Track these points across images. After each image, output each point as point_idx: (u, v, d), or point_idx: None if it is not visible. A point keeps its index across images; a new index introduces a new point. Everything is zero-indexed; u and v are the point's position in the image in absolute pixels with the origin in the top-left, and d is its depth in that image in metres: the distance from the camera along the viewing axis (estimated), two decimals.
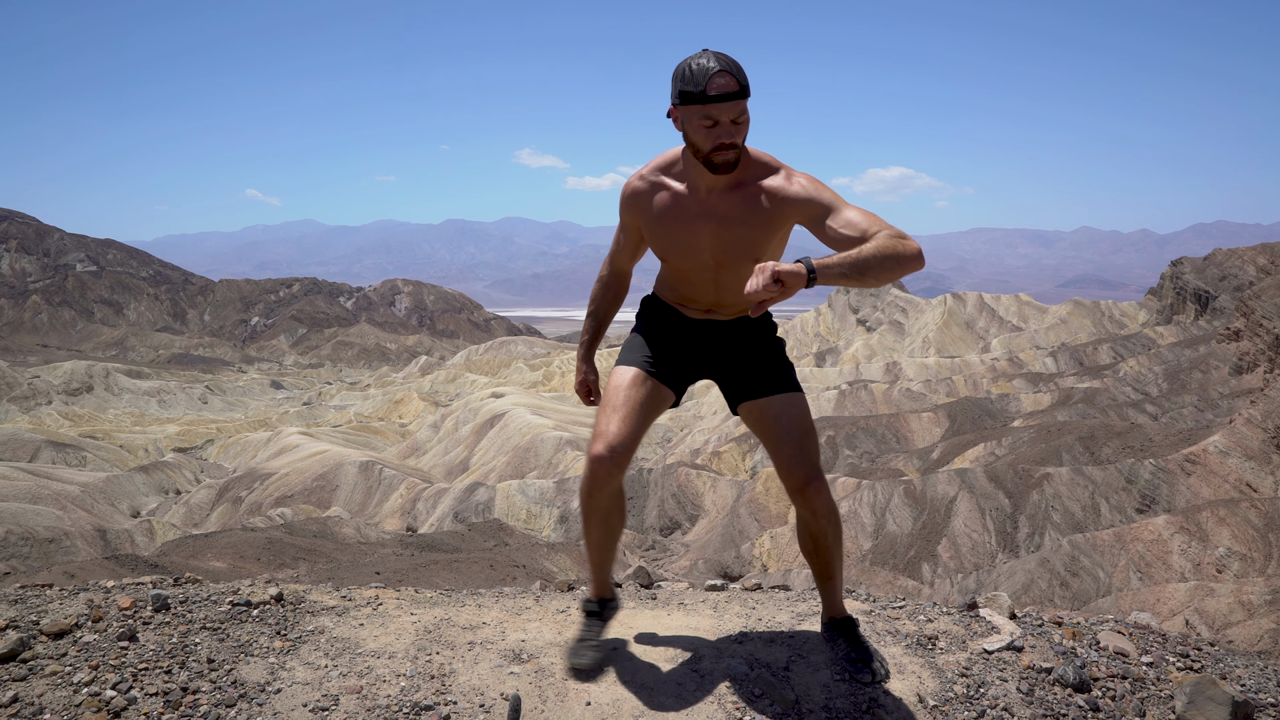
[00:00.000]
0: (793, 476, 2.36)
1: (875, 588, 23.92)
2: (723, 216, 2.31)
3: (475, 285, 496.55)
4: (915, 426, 43.35)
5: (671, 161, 2.38)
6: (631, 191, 2.43)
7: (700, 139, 2.19)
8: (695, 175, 2.31)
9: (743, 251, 2.33)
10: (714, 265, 2.39)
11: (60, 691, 2.17)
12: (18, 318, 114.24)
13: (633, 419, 2.38)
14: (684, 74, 2.15)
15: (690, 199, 2.33)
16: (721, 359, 2.55)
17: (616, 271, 2.67)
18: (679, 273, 2.47)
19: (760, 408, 2.46)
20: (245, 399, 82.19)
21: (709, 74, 2.12)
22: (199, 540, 27.10)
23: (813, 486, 2.35)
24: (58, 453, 48.09)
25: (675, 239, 2.38)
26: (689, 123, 2.19)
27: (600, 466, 2.34)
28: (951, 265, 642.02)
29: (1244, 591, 19.13)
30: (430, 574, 21.65)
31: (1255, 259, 60.14)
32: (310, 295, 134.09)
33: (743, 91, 2.14)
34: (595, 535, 2.56)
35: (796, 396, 2.48)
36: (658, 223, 2.39)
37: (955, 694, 2.42)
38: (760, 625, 2.80)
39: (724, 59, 2.13)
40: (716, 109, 2.13)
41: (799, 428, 2.41)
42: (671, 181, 2.37)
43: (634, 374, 2.48)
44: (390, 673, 2.37)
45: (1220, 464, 28.07)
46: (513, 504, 34.83)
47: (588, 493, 2.43)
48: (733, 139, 2.17)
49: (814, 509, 2.38)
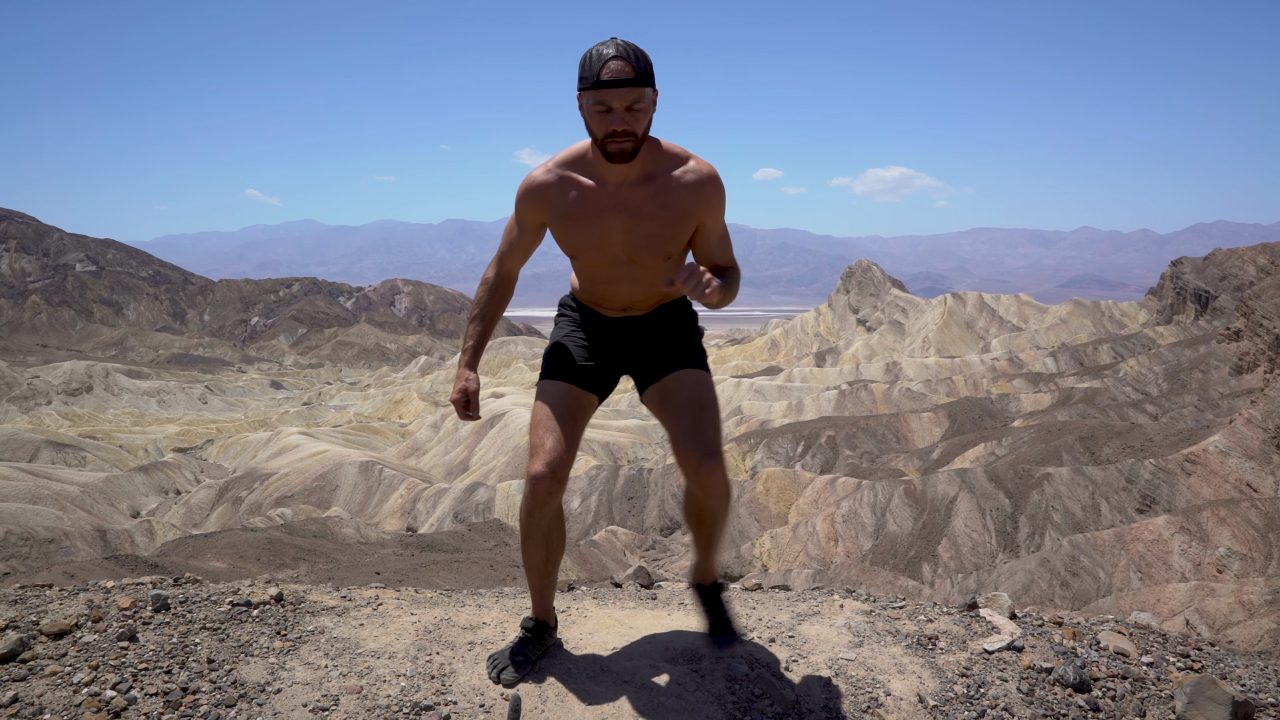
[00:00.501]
0: (686, 455, 2.28)
1: (875, 588, 23.91)
2: (633, 210, 2.25)
3: (475, 285, 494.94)
4: (915, 426, 43.35)
5: (578, 155, 2.31)
6: (536, 185, 2.32)
7: (595, 125, 2.14)
8: (603, 168, 2.25)
9: (653, 247, 2.30)
10: (626, 260, 2.33)
11: (60, 692, 2.17)
12: (17, 318, 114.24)
13: (565, 434, 2.33)
14: (583, 60, 2.12)
15: (599, 193, 2.26)
16: (637, 349, 2.51)
17: (504, 274, 2.49)
18: (590, 269, 2.41)
19: (660, 386, 2.42)
20: (245, 399, 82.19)
21: (604, 60, 2.08)
22: (199, 540, 27.10)
23: (706, 466, 2.27)
24: (57, 453, 48.09)
25: (586, 234, 2.30)
26: (586, 109, 2.14)
27: (541, 484, 2.26)
28: (951, 265, 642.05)
29: (1244, 591, 19.13)
30: (430, 574, 21.65)
31: (1255, 259, 60.15)
32: (310, 295, 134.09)
33: (639, 79, 2.09)
34: (536, 557, 2.44)
35: (697, 373, 2.41)
36: (566, 218, 2.30)
37: (955, 694, 2.42)
38: (760, 625, 2.79)
39: (625, 46, 2.10)
40: (609, 94, 2.08)
41: (696, 400, 2.35)
42: (579, 175, 2.29)
43: (559, 388, 2.42)
44: (390, 673, 2.37)
45: (1220, 464, 28.07)
46: (513, 504, 34.82)
47: (528, 512, 2.33)
48: (626, 126, 2.11)
49: (706, 488, 2.31)
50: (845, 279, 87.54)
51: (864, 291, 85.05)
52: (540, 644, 2.49)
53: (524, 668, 2.39)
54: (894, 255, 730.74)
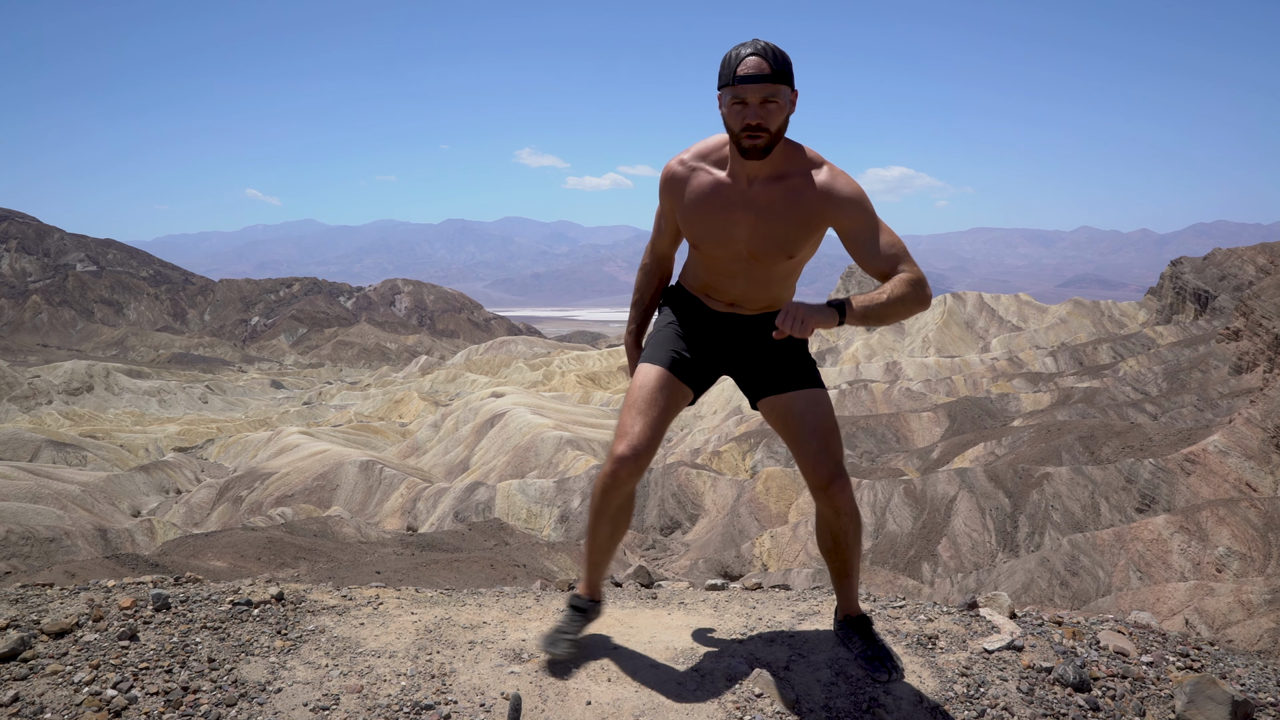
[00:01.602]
0: (817, 474, 2.35)
1: (875, 587, 23.92)
2: (762, 208, 2.29)
3: (475, 285, 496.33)
4: (915, 426, 43.35)
5: (715, 148, 2.36)
6: (670, 175, 2.40)
7: (732, 120, 2.19)
8: (736, 164, 2.29)
9: (778, 246, 2.32)
10: (747, 256, 2.37)
11: (61, 691, 2.17)
12: (18, 317, 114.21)
13: (656, 420, 2.38)
14: (723, 60, 2.19)
15: (730, 187, 2.31)
16: (743, 353, 2.52)
17: (659, 258, 2.65)
18: (708, 262, 2.45)
19: (783, 404, 2.44)
20: (245, 399, 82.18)
21: (742, 57, 2.14)
22: (199, 540, 27.09)
23: (836, 485, 2.34)
24: (58, 452, 48.09)
25: (710, 226, 2.35)
26: (725, 105, 2.20)
27: (623, 466, 2.33)
28: (951, 265, 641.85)
29: (1244, 591, 19.12)
30: (430, 573, 21.64)
31: (1255, 259, 60.13)
32: (310, 295, 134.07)
33: (776, 75, 2.13)
34: (601, 534, 2.53)
35: (820, 393, 2.46)
36: (694, 208, 2.36)
37: (955, 693, 2.42)
38: (760, 625, 2.80)
39: (762, 45, 2.15)
40: (744, 89, 2.13)
41: (823, 425, 2.40)
42: (712, 168, 2.34)
43: (658, 373, 2.46)
44: (391, 672, 2.37)
45: (1220, 463, 28.07)
46: (513, 503, 34.83)
47: (604, 490, 2.40)
48: (760, 120, 2.15)
49: (836, 507, 2.37)
50: (845, 279, 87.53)
51: (864, 290, 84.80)
52: (587, 620, 2.59)
53: (576, 644, 2.50)
54: None
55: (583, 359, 76.32)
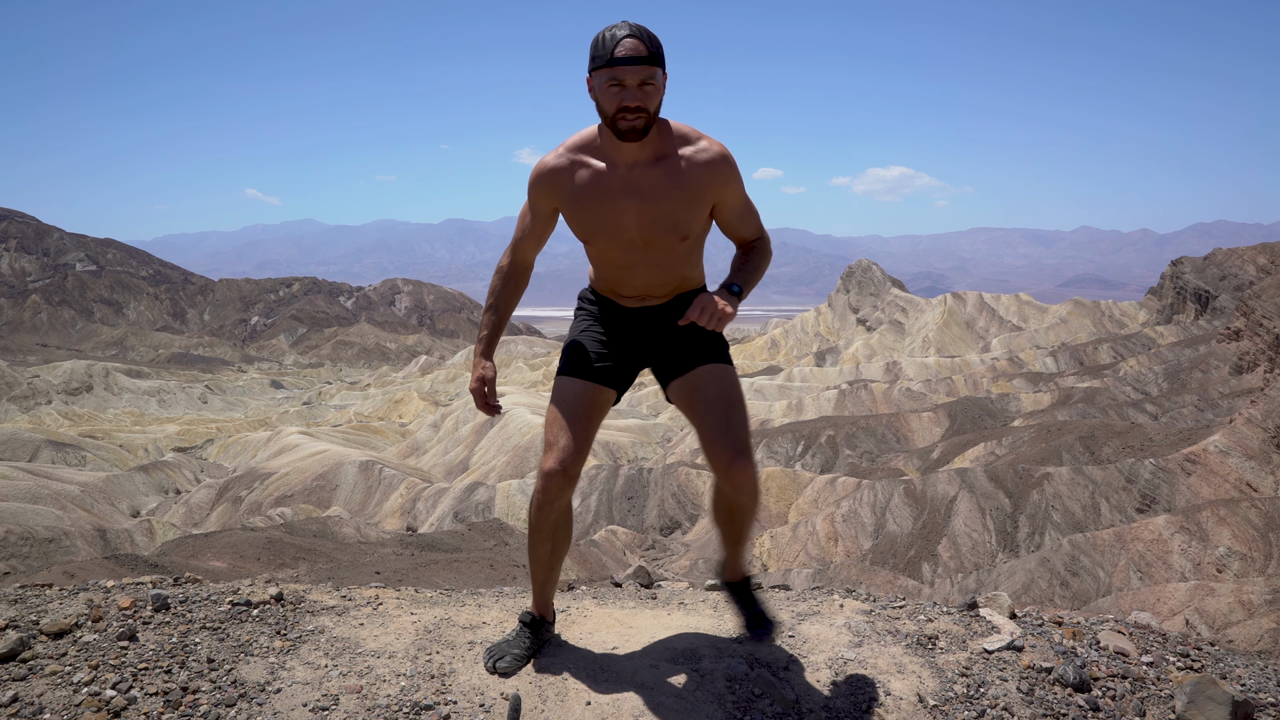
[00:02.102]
0: (717, 454, 2.28)
1: (875, 587, 23.91)
2: (645, 192, 2.25)
3: (475, 285, 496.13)
4: (915, 426, 43.35)
5: (588, 140, 2.32)
6: (548, 170, 2.32)
7: (606, 102, 2.16)
8: (613, 150, 2.25)
9: (669, 227, 2.29)
10: (640, 244, 2.32)
11: (60, 691, 2.17)
12: (17, 317, 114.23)
13: (581, 431, 2.34)
14: (595, 41, 2.15)
15: (611, 175, 2.26)
16: (658, 342, 2.49)
17: (519, 261, 2.51)
18: (604, 255, 2.40)
19: (688, 382, 2.40)
20: (245, 398, 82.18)
21: (618, 39, 2.11)
22: (199, 540, 27.09)
23: (737, 465, 2.27)
24: (57, 452, 48.09)
25: (599, 217, 2.30)
26: (599, 89, 2.16)
27: (553, 481, 2.29)
28: (951, 265, 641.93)
29: (1244, 591, 19.13)
30: (430, 574, 21.64)
31: (1255, 259, 60.13)
32: (310, 295, 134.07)
33: (651, 58, 2.12)
34: (542, 551, 2.46)
35: (723, 368, 2.40)
36: (578, 202, 2.30)
37: (955, 694, 2.42)
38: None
39: (635, 26, 2.13)
40: (622, 71, 2.11)
41: (724, 398, 2.34)
42: (590, 158, 2.29)
43: (576, 385, 2.42)
44: (390, 672, 2.37)
45: (1220, 464, 28.07)
46: (513, 503, 34.82)
47: (538, 507, 2.35)
48: (638, 102, 2.13)
49: (737, 485, 2.31)
50: (845, 278, 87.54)
51: (864, 291, 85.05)
52: (537, 638, 2.51)
53: (520, 660, 2.42)
54: (894, 255, 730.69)
55: None
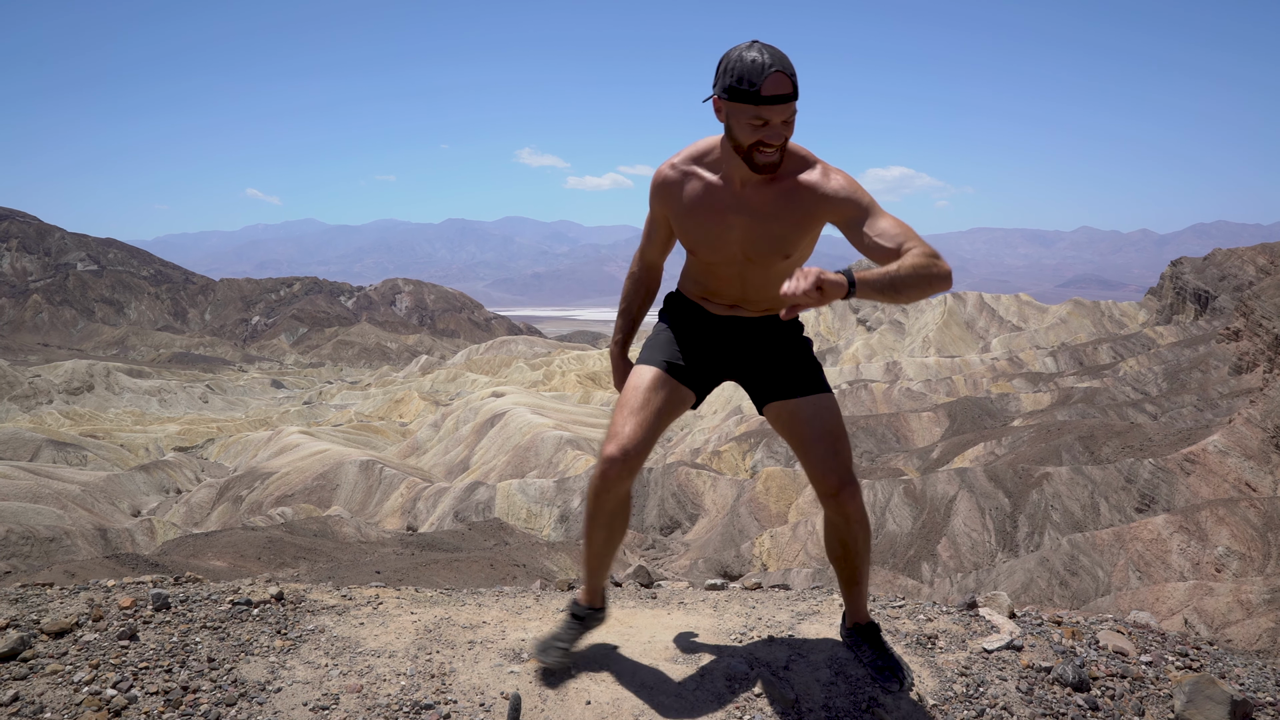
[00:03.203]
0: (825, 482, 2.30)
1: (875, 587, 23.91)
2: (755, 210, 2.24)
3: (476, 285, 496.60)
4: (915, 426, 43.35)
5: (705, 151, 2.30)
6: (662, 180, 2.35)
7: (745, 136, 2.11)
8: (730, 167, 2.24)
9: (773, 248, 2.27)
10: (742, 259, 2.32)
11: (61, 690, 2.17)
12: (18, 317, 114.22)
13: (649, 421, 2.31)
14: (735, 67, 2.05)
15: (723, 190, 2.26)
16: (746, 357, 2.47)
17: (648, 265, 2.57)
18: (705, 266, 2.40)
19: (790, 410, 2.39)
20: (246, 398, 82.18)
21: (764, 72, 2.02)
22: (199, 539, 27.08)
23: (846, 492, 2.29)
24: (58, 452, 48.09)
25: (705, 231, 2.30)
26: (735, 118, 2.10)
27: (612, 468, 2.27)
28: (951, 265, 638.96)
29: (1243, 591, 19.12)
30: (430, 573, 21.64)
31: (1255, 259, 60.12)
32: (311, 294, 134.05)
33: (796, 93, 2.07)
34: (598, 538, 2.45)
35: (827, 398, 2.40)
36: (688, 213, 2.31)
37: (955, 693, 2.42)
38: (760, 624, 2.80)
39: (778, 56, 2.04)
40: (769, 110, 2.05)
41: (831, 431, 2.34)
42: (704, 171, 2.29)
43: (653, 374, 2.39)
44: (390, 672, 2.37)
45: (1220, 463, 28.07)
46: (513, 503, 34.82)
47: (595, 493, 2.33)
48: (780, 139, 2.11)
49: (846, 514, 2.32)
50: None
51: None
52: (585, 628, 2.53)
53: (569, 653, 2.44)
54: None
55: (583, 359, 76.32)
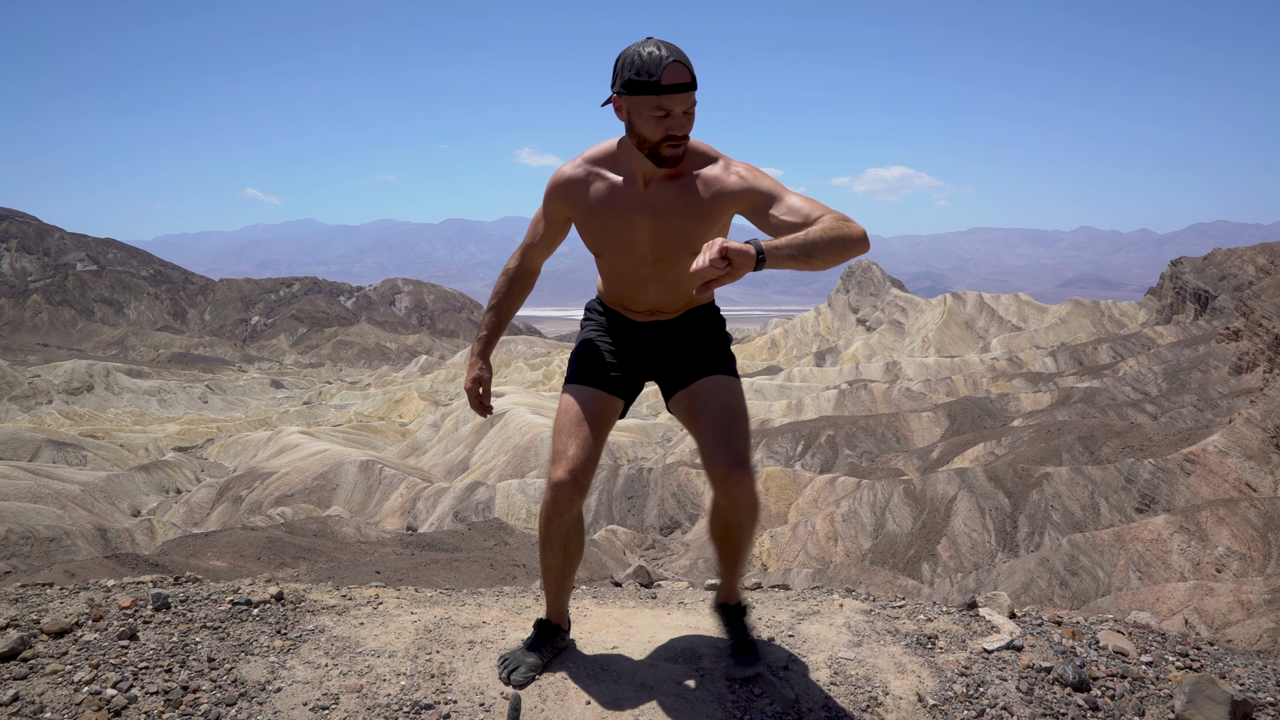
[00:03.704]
0: (715, 465, 2.23)
1: (875, 587, 23.90)
2: (660, 208, 2.23)
3: (475, 285, 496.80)
4: (915, 426, 43.35)
5: (608, 152, 2.29)
6: (565, 180, 2.32)
7: (649, 130, 2.11)
8: (633, 166, 2.23)
9: (680, 244, 2.26)
10: (651, 259, 2.31)
11: (61, 690, 2.17)
12: (18, 317, 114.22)
13: (589, 439, 2.30)
14: (633, 62, 2.06)
15: (627, 190, 2.25)
16: (665, 355, 2.46)
17: (526, 266, 2.52)
18: (616, 269, 2.38)
19: (689, 394, 2.36)
20: (245, 398, 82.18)
21: (662, 63, 2.03)
22: (199, 539, 27.08)
23: (734, 477, 2.22)
24: (58, 452, 48.09)
25: (611, 231, 2.29)
26: (637, 113, 2.10)
27: (562, 492, 2.24)
28: (951, 265, 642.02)
29: (1243, 591, 19.12)
30: (430, 573, 21.64)
31: (1255, 259, 60.13)
32: (310, 295, 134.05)
33: (694, 83, 2.08)
34: (554, 562, 2.43)
35: (727, 379, 2.36)
36: (592, 214, 2.29)
37: (955, 693, 2.42)
38: (760, 624, 2.79)
39: (674, 48, 2.06)
40: (670, 100, 2.06)
41: (726, 409, 2.29)
42: (608, 172, 2.27)
43: (585, 393, 2.38)
44: (390, 672, 2.37)
45: (1220, 464, 28.07)
46: (513, 503, 34.82)
47: (549, 519, 2.31)
48: (684, 130, 2.11)
49: (733, 498, 2.25)
50: (845, 279, 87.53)
51: (864, 291, 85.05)
52: (552, 646, 2.49)
53: (535, 669, 2.39)
54: (894, 255, 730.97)
55: None
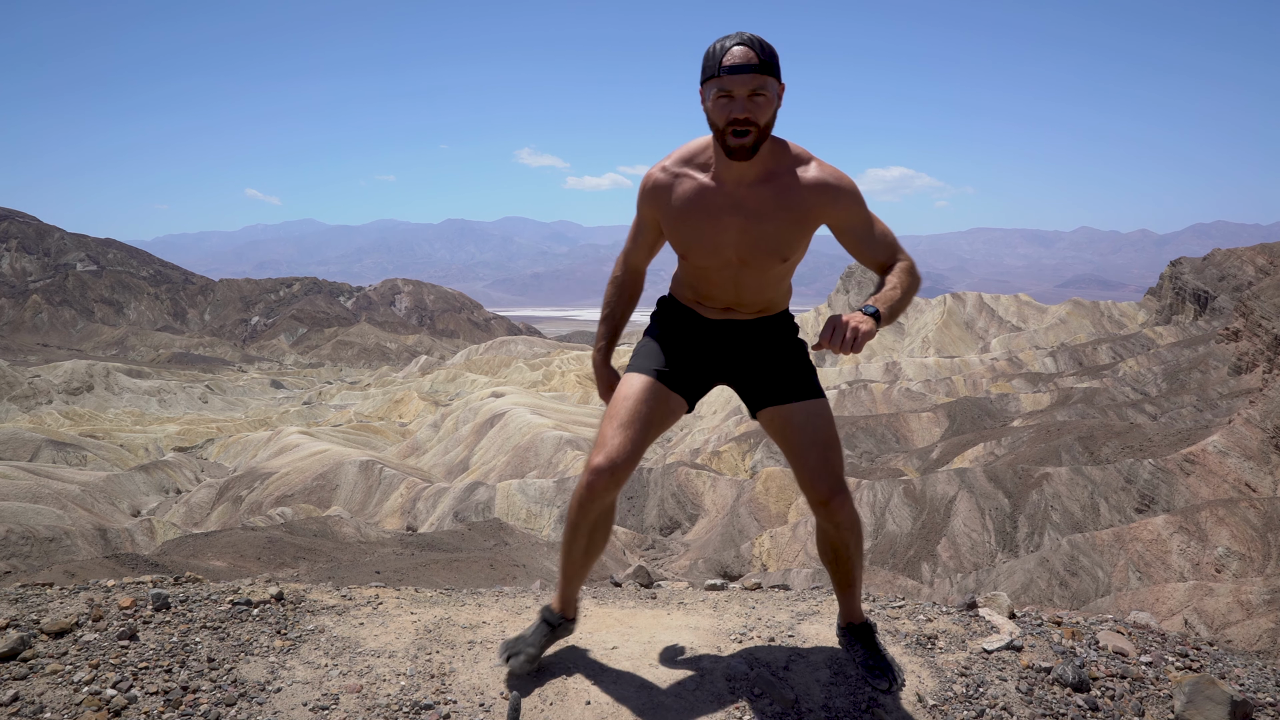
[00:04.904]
0: (816, 490, 2.26)
1: (875, 587, 23.89)
2: (751, 210, 2.18)
3: (475, 285, 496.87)
4: (915, 426, 43.35)
5: (697, 152, 2.25)
6: (653, 183, 2.27)
7: (716, 115, 2.07)
8: (722, 166, 2.18)
9: (770, 249, 2.21)
10: (737, 263, 2.25)
11: (61, 690, 2.17)
12: (18, 317, 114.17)
13: (638, 433, 2.25)
14: (707, 52, 2.07)
15: (716, 191, 2.19)
16: (740, 360, 2.41)
17: (631, 270, 2.49)
18: (698, 270, 2.33)
19: (783, 415, 2.34)
20: (245, 398, 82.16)
21: (727, 47, 2.03)
22: (199, 539, 27.07)
23: (836, 500, 2.25)
24: (58, 452, 48.06)
25: (699, 233, 2.23)
26: (709, 101, 2.08)
27: (599, 479, 2.22)
28: (951, 265, 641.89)
29: (1243, 591, 19.12)
30: (430, 573, 21.64)
31: (1254, 259, 60.12)
32: (310, 295, 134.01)
33: (763, 66, 2.01)
34: (577, 548, 2.39)
35: (820, 404, 2.35)
36: (680, 216, 2.24)
37: (954, 693, 2.42)
38: (760, 625, 2.79)
39: (749, 36, 2.04)
40: (731, 80, 2.02)
41: (823, 438, 2.30)
42: (696, 173, 2.22)
43: (644, 383, 2.32)
44: (390, 672, 2.37)
45: (1219, 464, 28.07)
46: (513, 503, 34.82)
47: (580, 504, 2.29)
48: (748, 114, 2.03)
49: (837, 522, 2.29)
50: (845, 279, 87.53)
51: (863, 291, 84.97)
52: (554, 636, 2.47)
53: (534, 659, 2.38)
54: None
55: (583, 359, 76.29)
